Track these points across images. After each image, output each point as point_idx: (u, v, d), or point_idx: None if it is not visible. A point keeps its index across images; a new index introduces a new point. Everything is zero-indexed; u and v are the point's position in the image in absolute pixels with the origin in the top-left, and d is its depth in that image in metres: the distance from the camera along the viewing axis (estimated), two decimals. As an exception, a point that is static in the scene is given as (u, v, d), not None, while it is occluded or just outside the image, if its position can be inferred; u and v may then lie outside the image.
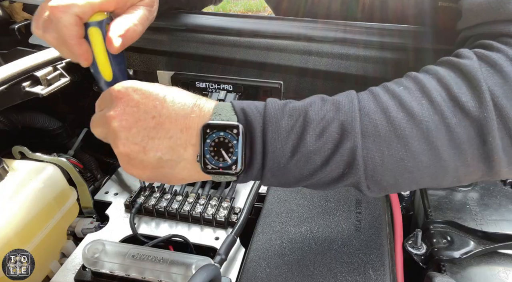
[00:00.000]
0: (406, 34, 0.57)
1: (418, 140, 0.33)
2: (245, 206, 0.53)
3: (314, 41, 0.58)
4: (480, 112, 0.32)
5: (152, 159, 0.35)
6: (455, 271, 0.47)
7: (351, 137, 0.33)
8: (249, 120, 0.35)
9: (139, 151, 0.35)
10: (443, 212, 0.54)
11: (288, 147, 0.34)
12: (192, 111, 0.35)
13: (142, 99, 0.35)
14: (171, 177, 0.37)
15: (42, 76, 0.58)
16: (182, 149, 0.35)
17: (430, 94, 0.33)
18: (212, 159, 0.35)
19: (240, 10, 4.17)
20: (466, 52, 0.36)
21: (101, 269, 0.45)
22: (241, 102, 0.36)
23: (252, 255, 0.46)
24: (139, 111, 0.35)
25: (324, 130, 0.33)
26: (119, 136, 0.35)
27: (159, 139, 0.35)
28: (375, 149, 0.33)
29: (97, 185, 0.67)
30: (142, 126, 0.34)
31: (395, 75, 0.56)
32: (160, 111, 0.35)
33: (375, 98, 0.35)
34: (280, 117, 0.34)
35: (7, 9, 0.87)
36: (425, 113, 0.33)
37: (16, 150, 0.60)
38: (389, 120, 0.33)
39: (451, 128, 0.32)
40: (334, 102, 0.35)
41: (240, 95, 0.64)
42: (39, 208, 0.49)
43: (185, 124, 0.35)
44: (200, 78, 0.65)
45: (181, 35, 0.64)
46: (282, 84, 0.63)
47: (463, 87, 0.33)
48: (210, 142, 0.34)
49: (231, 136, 0.34)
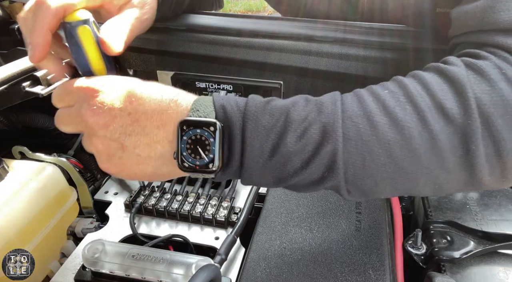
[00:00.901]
0: (406, 34, 0.57)
1: (400, 146, 0.32)
2: (245, 206, 0.53)
3: (314, 41, 0.58)
4: (465, 120, 0.31)
5: (130, 155, 0.35)
6: (455, 271, 0.47)
7: (332, 140, 0.32)
8: (228, 117, 0.34)
9: (118, 148, 0.35)
10: (443, 212, 0.54)
11: (268, 146, 0.33)
12: (169, 107, 0.34)
13: (118, 95, 0.34)
14: (151, 174, 0.36)
15: (42, 76, 0.57)
16: (160, 146, 0.35)
17: (415, 100, 0.33)
18: (189, 156, 0.34)
19: (240, 10, 4.17)
20: (454, 60, 0.35)
21: (101, 269, 0.45)
22: (222, 97, 0.35)
23: (252, 255, 0.46)
24: (114, 108, 0.34)
25: (305, 131, 0.33)
26: (96, 133, 0.34)
27: (136, 136, 0.34)
28: (356, 152, 0.32)
29: (97, 185, 0.67)
30: (119, 123, 0.34)
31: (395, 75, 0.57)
32: (136, 107, 0.34)
33: (359, 100, 0.34)
34: (261, 115, 0.33)
35: (7, 9, 0.87)
36: (408, 119, 0.32)
37: (16, 150, 0.60)
38: (372, 125, 0.32)
39: (434, 135, 0.31)
40: (317, 103, 0.34)
41: (240, 95, 0.64)
42: (39, 208, 0.49)
43: (161, 121, 0.34)
44: (200, 78, 0.65)
45: (181, 35, 0.64)
46: (282, 84, 0.63)
47: (448, 94, 0.32)
48: (186, 139, 0.34)
49: (208, 134, 0.33)
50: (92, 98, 0.34)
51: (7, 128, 0.64)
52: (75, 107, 0.36)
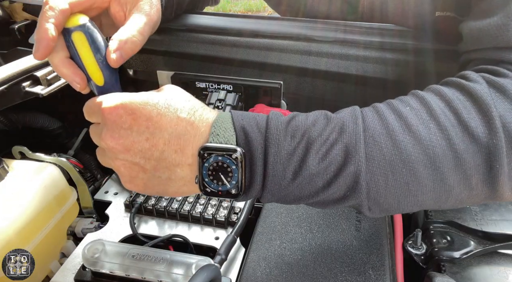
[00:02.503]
0: (406, 34, 0.57)
1: (424, 165, 0.32)
2: (245, 206, 0.53)
3: (314, 41, 0.59)
4: (489, 139, 0.31)
5: (152, 177, 0.35)
6: (455, 271, 0.47)
7: (355, 161, 0.32)
8: (250, 140, 0.34)
9: (139, 170, 0.35)
10: (443, 212, 0.54)
11: (290, 169, 0.33)
12: (186, 131, 0.34)
13: (134, 119, 0.34)
14: (173, 193, 0.37)
15: (42, 76, 0.58)
16: (179, 169, 0.35)
17: (438, 118, 0.33)
18: (211, 182, 0.34)
19: (240, 10, 4.17)
20: (474, 76, 0.35)
21: (101, 269, 0.45)
22: (241, 117, 0.35)
23: (252, 255, 0.46)
24: (132, 133, 0.34)
25: (328, 153, 0.33)
26: (118, 157, 0.35)
27: (155, 161, 0.34)
28: (379, 172, 0.32)
29: (97, 185, 0.67)
30: (137, 148, 0.34)
31: (395, 75, 0.57)
32: (153, 132, 0.34)
33: (380, 118, 0.34)
34: (283, 138, 0.33)
35: (7, 9, 0.87)
36: (432, 137, 0.32)
37: (16, 150, 0.60)
38: (394, 144, 0.32)
39: (458, 154, 0.31)
40: (338, 122, 0.34)
41: (240, 95, 0.64)
42: (39, 208, 0.49)
43: (179, 146, 0.34)
44: (200, 78, 0.65)
45: (181, 35, 0.64)
46: (282, 84, 0.63)
47: (472, 112, 0.32)
48: (208, 166, 0.34)
49: (229, 161, 0.33)
50: (110, 122, 0.34)
51: (7, 128, 0.64)
52: (99, 127, 0.36)
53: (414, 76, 0.56)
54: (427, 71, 0.55)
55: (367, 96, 0.60)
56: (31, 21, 0.83)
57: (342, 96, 0.61)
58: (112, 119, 0.34)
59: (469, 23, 0.41)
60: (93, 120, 0.38)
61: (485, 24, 0.38)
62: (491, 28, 0.37)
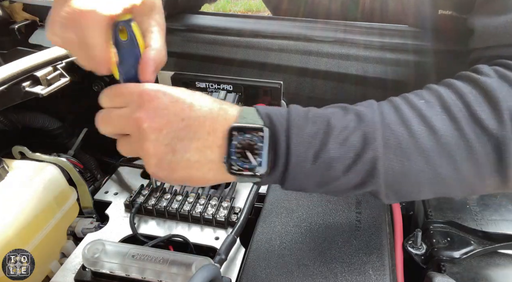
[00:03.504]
0: (406, 34, 0.57)
1: (438, 153, 0.34)
2: (245, 206, 0.53)
3: (314, 41, 0.59)
4: (499, 131, 0.33)
5: (180, 160, 0.36)
6: (455, 271, 0.47)
7: (373, 147, 0.34)
8: (274, 124, 0.35)
9: (168, 152, 0.35)
10: (443, 212, 0.54)
11: (311, 151, 0.35)
12: (219, 115, 0.36)
13: (171, 102, 0.35)
14: (197, 179, 0.37)
15: (42, 76, 0.58)
16: (209, 150, 0.36)
17: (451, 110, 0.34)
18: (238, 160, 0.35)
19: (240, 10, 4.17)
20: (486, 70, 0.37)
21: (101, 269, 0.45)
22: (265, 108, 0.37)
23: (252, 255, 0.46)
24: (169, 113, 0.35)
25: (347, 139, 0.34)
26: (149, 138, 0.35)
27: (188, 141, 0.35)
28: (396, 159, 0.34)
29: (97, 185, 0.67)
30: (172, 128, 0.35)
31: (395, 75, 0.57)
32: (188, 114, 0.35)
33: (396, 110, 0.36)
34: (304, 123, 0.35)
35: (7, 9, 0.87)
36: (445, 128, 0.34)
37: (16, 150, 0.60)
38: (410, 133, 0.34)
39: (470, 144, 0.33)
40: (355, 112, 0.36)
41: (240, 95, 0.64)
42: (39, 208, 0.49)
43: (212, 127, 0.36)
44: (200, 78, 0.65)
45: (181, 35, 0.64)
46: (282, 84, 0.63)
47: (483, 105, 0.34)
48: (236, 144, 0.35)
49: (256, 139, 0.35)
50: (147, 103, 0.35)
51: (7, 128, 0.64)
52: (126, 110, 0.36)
53: (414, 76, 0.56)
54: (427, 71, 0.55)
55: (367, 96, 0.59)
56: (31, 21, 0.83)
57: (342, 96, 0.61)
58: (150, 100, 0.35)
59: (482, 20, 0.42)
60: (114, 104, 0.37)
61: (501, 21, 0.39)
62: (508, 25, 0.38)
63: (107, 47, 0.35)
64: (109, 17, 0.34)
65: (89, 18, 0.33)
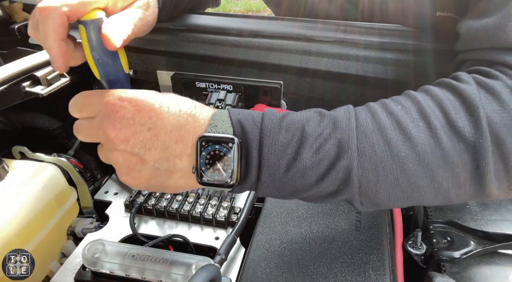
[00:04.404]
0: (406, 34, 0.57)
1: (413, 162, 0.33)
2: (245, 206, 0.53)
3: (314, 41, 0.59)
4: (476, 138, 0.32)
5: (149, 169, 0.36)
6: (455, 271, 0.47)
7: (347, 156, 0.33)
8: (246, 132, 0.35)
9: (137, 162, 0.35)
10: (443, 212, 0.54)
11: (284, 161, 0.34)
12: (187, 122, 0.35)
13: (137, 111, 0.35)
14: (168, 186, 0.37)
15: (42, 76, 0.58)
16: (178, 160, 0.35)
17: (428, 117, 0.34)
18: (207, 171, 0.35)
19: (240, 10, 4.17)
20: (465, 77, 0.36)
21: (101, 269, 0.45)
22: (238, 112, 0.36)
23: (252, 255, 0.46)
24: (134, 123, 0.34)
25: (321, 147, 0.34)
26: (117, 148, 0.35)
27: (156, 150, 0.35)
28: (370, 168, 0.33)
29: (97, 185, 0.67)
30: (139, 138, 0.34)
31: (395, 75, 0.57)
32: (155, 122, 0.35)
33: (373, 116, 0.35)
34: (277, 131, 0.34)
35: (7, 9, 0.87)
36: (421, 135, 0.33)
37: (16, 150, 0.60)
38: (385, 141, 0.33)
39: (446, 152, 0.33)
40: (331, 118, 0.35)
41: (240, 95, 0.64)
42: (39, 208, 0.49)
43: (179, 136, 0.35)
44: (200, 78, 0.65)
45: (181, 35, 0.64)
46: (282, 84, 0.63)
47: (460, 112, 0.33)
48: (205, 155, 0.35)
49: (226, 150, 0.34)
50: (112, 113, 0.35)
51: (7, 128, 0.64)
52: (95, 121, 0.36)
53: (414, 76, 0.56)
54: (427, 71, 0.55)
55: (367, 96, 0.60)
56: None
57: (342, 96, 0.61)
58: (115, 110, 0.34)
59: (466, 23, 0.42)
60: (82, 115, 0.38)
61: (482, 24, 0.38)
62: (488, 28, 0.38)
63: (60, 44, 0.36)
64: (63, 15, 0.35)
65: (45, 14, 0.35)
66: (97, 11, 0.38)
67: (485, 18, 0.38)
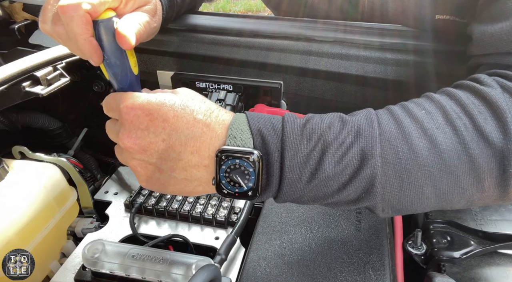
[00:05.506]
0: (406, 34, 0.57)
1: (439, 168, 0.32)
2: (245, 206, 0.53)
3: (314, 41, 0.59)
4: (504, 144, 0.32)
5: (167, 177, 0.36)
6: (455, 271, 0.47)
7: (371, 164, 0.32)
8: (266, 143, 0.34)
9: (155, 170, 0.35)
10: (443, 212, 0.54)
11: (306, 172, 0.33)
12: (202, 133, 0.34)
13: (151, 121, 0.34)
14: (189, 192, 0.37)
15: (42, 76, 0.58)
16: (195, 170, 0.35)
17: (454, 123, 0.33)
18: (228, 184, 0.34)
19: (240, 10, 4.17)
20: (488, 80, 0.35)
21: (101, 269, 0.45)
22: (257, 119, 0.35)
23: (252, 255, 0.46)
24: (149, 134, 0.34)
25: (344, 156, 0.33)
26: (135, 157, 0.35)
27: (171, 161, 0.35)
28: (394, 175, 0.33)
29: (97, 185, 0.67)
30: (154, 149, 0.34)
31: (395, 75, 0.57)
32: (169, 133, 0.34)
33: (396, 122, 0.34)
34: (299, 141, 0.33)
35: (7, 9, 0.87)
36: (448, 142, 0.32)
37: (16, 150, 0.60)
38: (410, 148, 0.32)
39: (473, 158, 0.32)
40: (353, 125, 0.34)
41: (240, 95, 0.64)
42: (39, 208, 0.49)
43: (195, 147, 0.34)
44: (200, 78, 0.65)
45: (181, 35, 0.64)
46: (282, 84, 0.63)
47: (487, 117, 0.33)
48: (225, 168, 0.34)
49: (247, 164, 0.33)
50: (127, 123, 0.34)
51: (7, 128, 0.64)
52: (117, 125, 0.37)
53: (414, 76, 0.56)
54: (427, 72, 0.55)
55: (367, 96, 0.60)
56: (31, 21, 0.83)
57: (342, 96, 0.61)
58: (129, 120, 0.34)
59: (479, 27, 0.41)
60: (111, 116, 0.38)
61: (497, 29, 0.38)
62: (504, 33, 0.38)
63: (91, 41, 0.36)
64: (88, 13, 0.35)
65: (70, 13, 0.35)
66: (109, 11, 0.38)
67: (499, 23, 0.38)
